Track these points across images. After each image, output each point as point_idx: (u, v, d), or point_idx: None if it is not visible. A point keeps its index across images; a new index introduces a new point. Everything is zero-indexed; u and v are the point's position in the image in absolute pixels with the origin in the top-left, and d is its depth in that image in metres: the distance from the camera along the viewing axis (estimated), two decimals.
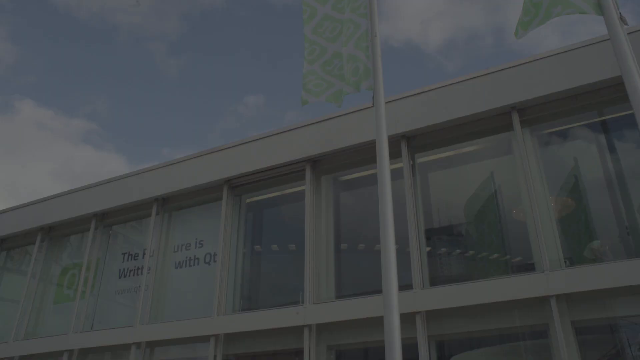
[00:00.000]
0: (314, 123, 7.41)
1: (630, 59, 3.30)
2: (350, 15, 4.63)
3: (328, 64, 4.61)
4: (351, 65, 4.30)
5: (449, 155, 6.84)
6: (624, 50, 3.33)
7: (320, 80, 4.55)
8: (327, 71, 4.58)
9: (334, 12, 4.85)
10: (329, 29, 4.80)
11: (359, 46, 4.31)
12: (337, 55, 4.56)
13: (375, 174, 3.92)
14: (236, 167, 7.82)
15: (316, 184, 7.30)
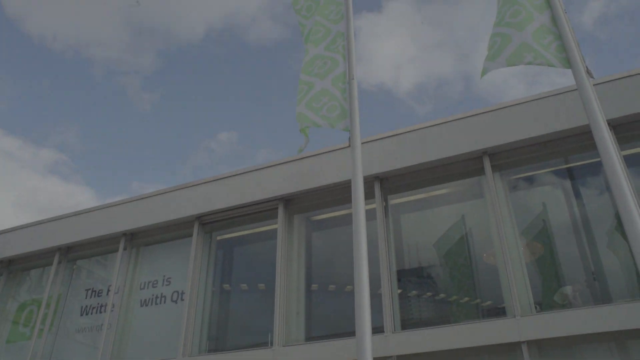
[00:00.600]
0: (288, 162, 7.41)
1: (597, 110, 3.42)
2: (325, 51, 4.68)
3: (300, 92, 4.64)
4: (327, 100, 4.33)
5: (421, 198, 6.90)
6: (591, 101, 3.44)
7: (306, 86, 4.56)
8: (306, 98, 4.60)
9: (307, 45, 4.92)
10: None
11: (337, 86, 4.35)
12: (309, 84, 4.59)
13: (348, 215, 3.90)
14: (208, 204, 7.72)
15: (288, 223, 7.25)
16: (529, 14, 4.00)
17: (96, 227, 8.63)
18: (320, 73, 4.48)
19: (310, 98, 4.37)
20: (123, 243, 8.33)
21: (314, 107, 4.30)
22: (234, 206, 7.53)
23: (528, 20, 3.96)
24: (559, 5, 3.93)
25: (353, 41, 4.56)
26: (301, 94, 4.53)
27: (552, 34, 3.84)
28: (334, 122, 4.18)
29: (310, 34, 4.99)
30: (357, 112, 4.11)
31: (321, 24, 4.96)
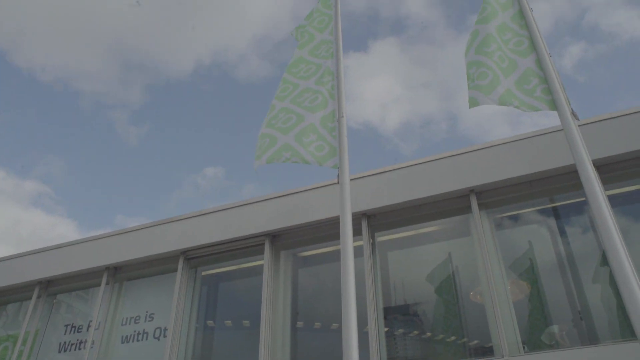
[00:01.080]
0: (275, 197, 7.39)
1: (582, 151, 3.48)
2: (314, 85, 4.73)
3: (274, 118, 4.64)
4: (315, 139, 4.34)
5: (408, 235, 6.90)
6: (577, 142, 3.51)
7: (267, 138, 4.56)
8: (273, 125, 4.60)
9: (297, 80, 4.97)
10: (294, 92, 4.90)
11: (325, 125, 4.39)
12: (288, 110, 4.61)
13: (335, 251, 3.88)
14: (194, 239, 7.63)
15: (275, 259, 7.18)
16: (512, 62, 4.11)
17: (78, 260, 8.47)
18: (311, 107, 4.52)
19: (300, 131, 4.38)
20: (106, 277, 8.17)
21: (304, 142, 4.32)
22: (220, 241, 7.45)
23: (512, 67, 4.08)
24: (543, 49, 4.05)
25: (343, 79, 4.62)
26: (289, 122, 4.55)
27: (538, 77, 3.94)
28: (321, 160, 4.20)
29: (293, 66, 5.05)
30: (346, 149, 4.13)
31: (311, 62, 5.03)
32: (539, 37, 4.15)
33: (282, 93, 4.88)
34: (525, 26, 4.29)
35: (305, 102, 4.59)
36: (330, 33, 5.13)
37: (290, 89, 4.88)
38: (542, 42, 4.12)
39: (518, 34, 4.31)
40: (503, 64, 4.09)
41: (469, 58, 4.26)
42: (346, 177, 4.02)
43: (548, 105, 3.77)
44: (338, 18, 5.22)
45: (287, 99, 4.78)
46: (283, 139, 4.40)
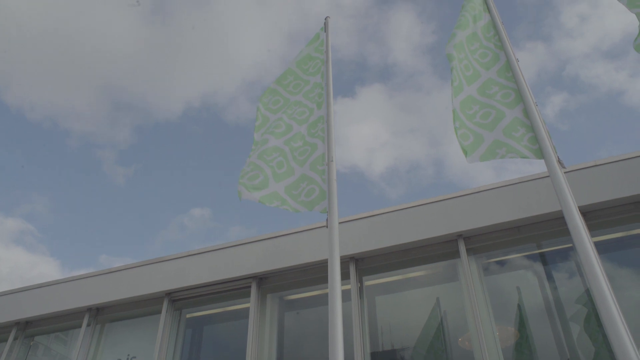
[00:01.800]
0: (262, 240, 7.33)
1: (569, 198, 3.52)
2: (306, 135, 4.79)
3: (267, 153, 4.68)
4: (306, 185, 4.38)
5: (396, 280, 6.85)
6: (563, 189, 3.56)
7: (258, 171, 4.58)
8: (266, 161, 4.63)
9: (290, 120, 5.03)
10: (276, 125, 4.96)
11: (315, 169, 4.43)
12: (281, 152, 4.65)
13: (322, 295, 3.84)
14: (179, 280, 7.51)
15: (261, 302, 7.07)
16: (500, 113, 4.23)
17: (59, 300, 8.27)
18: (301, 160, 4.58)
19: (292, 184, 4.42)
20: (87, 318, 7.96)
21: (293, 194, 4.36)
22: (206, 283, 7.33)
23: (499, 119, 4.19)
24: (530, 99, 4.15)
25: (333, 124, 4.69)
26: (281, 169, 4.57)
27: (525, 126, 4.03)
28: (311, 205, 4.23)
29: (275, 127, 5.13)
30: (335, 193, 4.15)
31: (303, 104, 5.12)
32: (525, 87, 4.26)
33: (277, 130, 4.93)
34: (511, 78, 4.41)
35: (296, 152, 4.64)
36: (322, 77, 5.24)
37: (283, 128, 4.94)
38: (528, 92, 4.22)
39: (505, 86, 4.44)
40: (488, 119, 4.22)
41: (455, 108, 4.40)
42: (335, 221, 4.02)
43: (534, 154, 3.85)
44: (329, 64, 5.34)
45: (282, 137, 4.83)
46: (274, 186, 4.44)
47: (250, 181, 4.49)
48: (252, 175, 4.53)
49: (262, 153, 4.69)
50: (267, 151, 4.71)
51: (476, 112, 4.32)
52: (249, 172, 4.57)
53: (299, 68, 5.63)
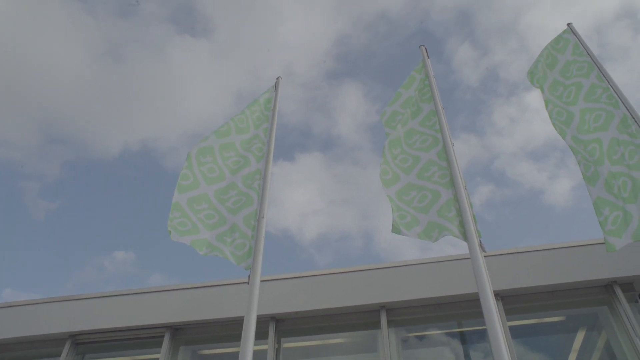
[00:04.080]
0: (181, 289, 7.01)
1: (486, 281, 3.62)
2: (241, 184, 4.76)
3: (196, 202, 4.57)
4: (237, 237, 4.32)
5: (315, 344, 6.72)
6: (481, 273, 3.66)
7: (185, 218, 4.45)
8: (195, 210, 4.51)
9: (223, 166, 4.97)
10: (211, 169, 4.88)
11: (248, 223, 4.39)
12: (208, 200, 4.56)
13: (238, 353, 3.70)
14: (85, 322, 7.00)
15: (173, 353, 6.70)
16: (436, 194, 4.40)
17: None
18: (234, 208, 4.53)
19: (222, 233, 4.35)
20: None
21: (226, 241, 4.28)
22: (115, 328, 6.89)
23: (434, 200, 4.35)
24: (460, 182, 4.32)
25: (269, 181, 4.69)
26: (212, 219, 4.48)
27: (456, 209, 4.20)
28: (239, 260, 4.16)
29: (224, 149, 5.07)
30: (262, 250, 4.10)
31: (242, 155, 5.10)
32: (457, 171, 4.44)
33: (210, 174, 4.85)
34: (447, 160, 4.61)
35: (229, 202, 4.59)
36: (265, 132, 5.28)
37: (216, 173, 4.87)
38: (459, 175, 4.40)
39: (443, 167, 4.63)
40: (424, 202, 4.39)
41: (390, 195, 4.56)
42: (257, 278, 3.95)
43: (462, 235, 4.00)
44: (274, 122, 5.41)
45: (213, 185, 4.75)
46: (204, 234, 4.34)
47: (180, 226, 4.37)
48: (180, 222, 4.41)
49: (191, 201, 4.59)
50: (197, 199, 4.61)
51: (414, 197, 4.49)
52: (177, 217, 4.45)
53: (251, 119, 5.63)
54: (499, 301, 6.20)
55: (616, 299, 6.05)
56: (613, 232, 4.23)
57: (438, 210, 4.25)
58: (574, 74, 5.55)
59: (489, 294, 3.53)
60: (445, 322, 6.48)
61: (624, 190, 4.29)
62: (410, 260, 6.66)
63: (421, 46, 5.99)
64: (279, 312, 6.52)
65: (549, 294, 6.33)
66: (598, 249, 6.33)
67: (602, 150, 4.70)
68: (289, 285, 6.76)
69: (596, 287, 6.26)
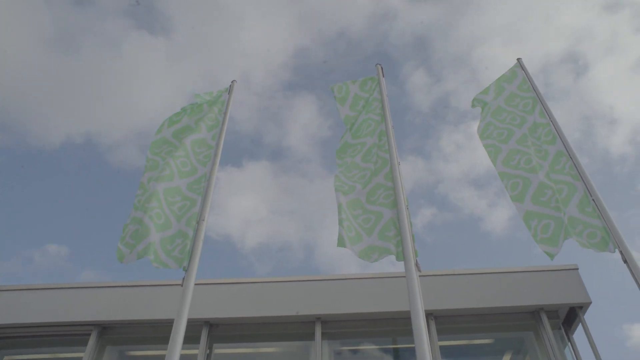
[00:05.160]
0: (112, 286, 6.75)
1: (418, 300, 3.69)
2: (185, 189, 4.69)
3: (148, 201, 4.48)
4: (181, 241, 4.24)
5: (248, 352, 6.65)
6: (415, 291, 3.73)
7: (138, 224, 4.35)
8: (146, 209, 4.42)
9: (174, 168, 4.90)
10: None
11: (190, 224, 4.32)
12: (158, 199, 4.48)
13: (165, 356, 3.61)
14: (4, 316, 6.59)
15: (98, 352, 6.46)
16: (379, 216, 4.47)
17: None
18: (179, 214, 4.46)
19: (164, 239, 4.26)
20: None
21: (167, 248, 4.20)
22: (37, 323, 6.53)
23: (377, 222, 4.42)
24: (403, 202, 4.40)
25: (213, 185, 4.64)
26: (160, 219, 4.38)
27: (396, 228, 4.27)
28: (180, 262, 4.08)
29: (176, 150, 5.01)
30: (199, 253, 4.04)
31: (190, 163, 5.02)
32: (400, 190, 4.52)
33: (161, 173, 4.76)
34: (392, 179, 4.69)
35: (175, 207, 4.52)
36: (213, 138, 5.23)
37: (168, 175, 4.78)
38: (402, 194, 4.48)
39: (388, 188, 4.70)
40: (368, 224, 4.46)
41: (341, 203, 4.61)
42: (192, 281, 3.88)
43: (397, 255, 4.07)
44: (224, 126, 5.36)
45: (163, 182, 4.66)
46: (154, 236, 4.24)
47: (131, 239, 4.26)
48: (133, 232, 4.30)
49: (145, 201, 4.50)
50: (150, 198, 4.52)
51: (359, 214, 4.55)
52: (134, 233, 4.33)
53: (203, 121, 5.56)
54: (432, 320, 6.33)
55: (541, 326, 6.30)
56: (546, 240, 4.43)
57: (379, 231, 4.31)
58: (519, 108, 5.78)
59: (420, 312, 3.59)
60: (380, 337, 6.55)
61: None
62: (349, 274, 6.71)
63: (377, 64, 6.10)
64: (213, 317, 6.41)
65: (479, 317, 6.51)
66: (528, 276, 6.59)
67: (537, 162, 4.95)
68: (225, 290, 6.66)
69: (524, 313, 6.50)
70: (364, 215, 4.52)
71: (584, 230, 4.35)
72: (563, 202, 4.60)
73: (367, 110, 5.71)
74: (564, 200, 4.62)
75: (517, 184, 4.94)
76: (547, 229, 4.48)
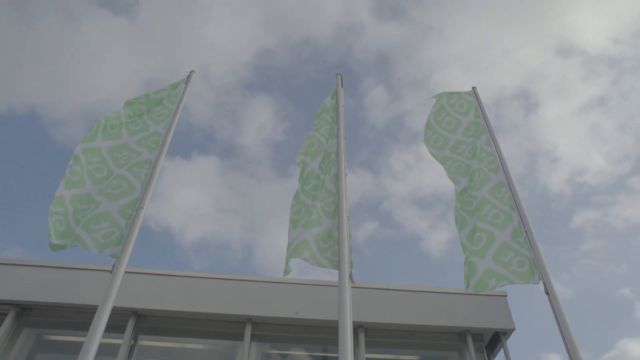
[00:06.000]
0: (34, 266, 6.36)
1: (347, 311, 3.72)
2: (125, 172, 4.57)
3: (79, 201, 4.35)
4: (108, 226, 4.11)
5: (174, 346, 6.52)
6: (345, 302, 3.77)
7: (61, 216, 4.21)
8: (77, 210, 4.29)
9: (113, 165, 4.76)
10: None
11: (124, 213, 4.20)
12: (92, 200, 4.35)
13: None
14: None
15: (13, 334, 6.15)
16: (319, 218, 4.47)
17: None
18: (113, 194, 4.33)
19: (90, 219, 4.13)
20: None
21: (92, 229, 4.07)
22: None
23: (316, 224, 4.42)
24: (345, 212, 4.43)
25: (157, 173, 4.54)
26: (86, 212, 4.25)
27: (333, 238, 4.30)
28: (103, 247, 3.97)
29: (116, 150, 4.88)
30: (133, 241, 3.94)
31: (134, 150, 4.91)
32: (344, 201, 4.55)
33: (97, 174, 4.63)
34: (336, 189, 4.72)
35: (109, 188, 4.39)
36: (164, 127, 5.12)
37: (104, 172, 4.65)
38: (345, 205, 4.52)
39: (332, 194, 4.72)
40: (307, 221, 4.46)
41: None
42: (122, 268, 3.78)
43: (332, 264, 4.10)
44: (177, 115, 5.27)
45: (99, 185, 4.53)
46: (73, 226, 4.10)
47: (54, 225, 4.11)
48: (56, 220, 4.14)
49: (73, 199, 4.34)
50: (80, 198, 4.37)
51: (301, 218, 4.54)
52: (56, 222, 4.17)
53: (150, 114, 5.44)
54: (362, 332, 6.41)
55: (466, 347, 6.48)
56: (466, 274, 4.61)
57: (315, 237, 4.31)
58: (473, 134, 5.97)
59: (347, 323, 3.63)
60: (310, 344, 6.57)
61: (477, 244, 4.68)
62: (284, 278, 6.67)
63: (337, 74, 6.16)
64: (141, 307, 6.25)
65: (408, 333, 6.64)
66: (459, 298, 6.78)
67: (475, 206, 5.12)
68: (157, 281, 6.52)
69: (451, 334, 6.67)
70: (304, 211, 4.55)
71: (515, 257, 4.51)
72: (499, 227, 4.77)
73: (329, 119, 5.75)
74: (500, 225, 4.79)
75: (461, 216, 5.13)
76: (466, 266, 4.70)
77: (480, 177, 5.32)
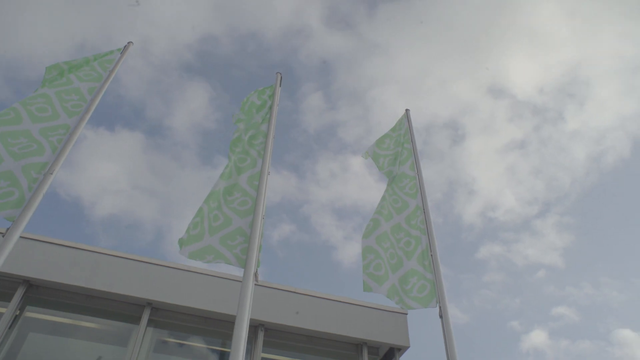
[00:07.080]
0: None
1: (246, 310, 3.71)
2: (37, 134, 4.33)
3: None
4: (6, 186, 3.86)
5: (65, 322, 6.21)
6: (245, 299, 3.76)
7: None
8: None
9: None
10: None
11: (27, 174, 3.96)
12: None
13: None
14: None
15: None
16: (227, 220, 4.41)
17: None
18: (18, 154, 4.07)
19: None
20: None
21: None
22: None
23: (224, 225, 4.35)
24: (260, 211, 4.41)
25: (74, 140, 4.34)
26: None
27: (245, 236, 4.25)
28: (2, 207, 3.73)
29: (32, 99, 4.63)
30: (35, 207, 3.74)
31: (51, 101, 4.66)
32: (262, 199, 4.52)
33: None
34: (256, 187, 4.66)
35: (16, 147, 4.14)
36: (90, 91, 4.90)
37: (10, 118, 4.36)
38: (262, 204, 4.49)
39: (246, 194, 4.65)
40: (217, 222, 4.37)
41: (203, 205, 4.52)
42: (17, 233, 3.58)
43: (240, 262, 4.06)
44: (106, 84, 5.07)
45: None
46: None
47: None
48: None
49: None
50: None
51: (217, 215, 4.43)
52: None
53: (75, 70, 5.20)
54: (262, 331, 6.42)
55: (361, 358, 6.65)
56: (374, 276, 4.71)
57: (222, 236, 4.25)
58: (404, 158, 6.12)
59: (244, 320, 3.62)
60: (209, 337, 6.49)
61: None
62: (190, 265, 6.57)
63: (277, 73, 6.16)
64: (33, 277, 5.93)
65: (307, 338, 6.73)
66: (361, 310, 6.95)
67: (390, 211, 5.29)
68: (55, 251, 6.20)
69: (349, 344, 6.82)
70: (215, 213, 4.44)
71: (417, 282, 4.69)
72: (408, 254, 4.95)
73: (257, 115, 5.69)
74: (409, 253, 4.97)
75: (370, 224, 5.26)
76: (380, 267, 4.81)
77: (399, 203, 5.49)
